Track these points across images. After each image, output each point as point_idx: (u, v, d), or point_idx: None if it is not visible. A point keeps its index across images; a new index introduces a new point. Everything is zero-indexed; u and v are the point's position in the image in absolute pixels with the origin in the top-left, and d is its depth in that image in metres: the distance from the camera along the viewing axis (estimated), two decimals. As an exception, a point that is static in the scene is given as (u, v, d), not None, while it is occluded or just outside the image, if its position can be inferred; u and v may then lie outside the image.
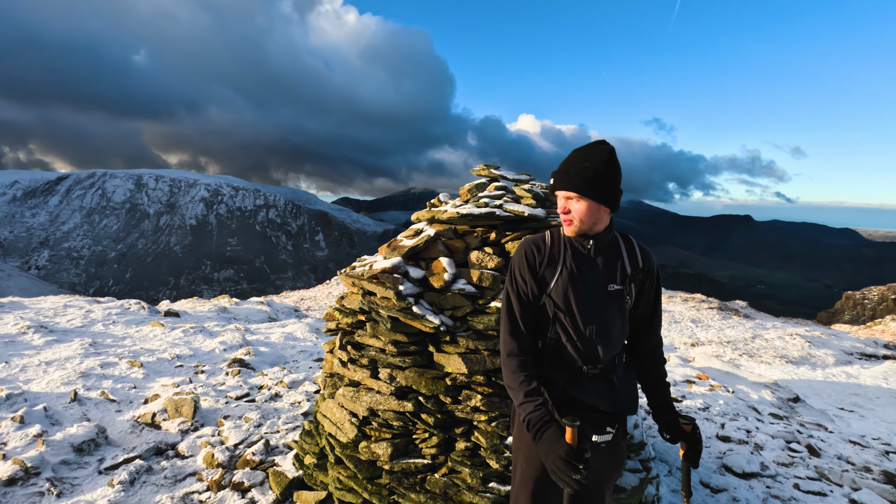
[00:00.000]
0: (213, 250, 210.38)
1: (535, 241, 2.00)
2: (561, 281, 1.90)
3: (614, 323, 1.90)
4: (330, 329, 3.70)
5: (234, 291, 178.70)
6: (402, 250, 3.26)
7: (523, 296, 1.96)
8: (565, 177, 1.80)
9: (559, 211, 1.89)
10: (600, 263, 1.91)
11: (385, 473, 3.04)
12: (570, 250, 1.93)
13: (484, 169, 3.74)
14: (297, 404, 5.06)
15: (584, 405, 1.91)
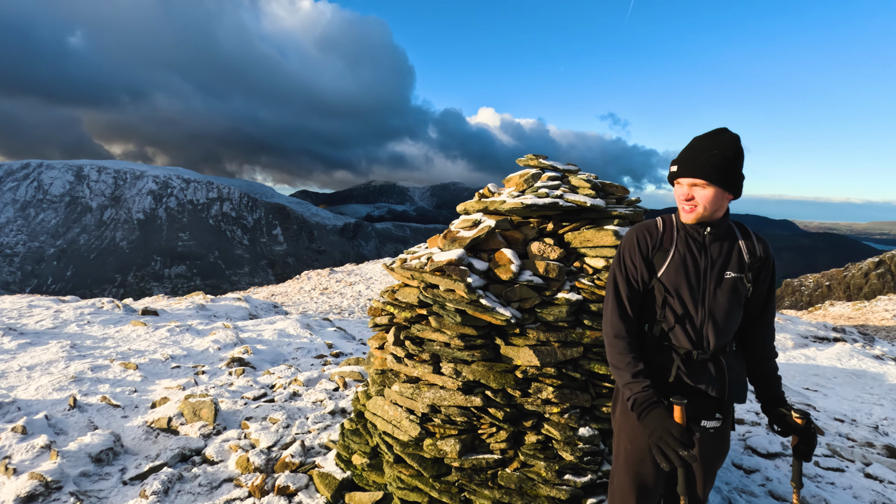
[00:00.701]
0: (163, 245, 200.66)
1: (647, 227, 2.02)
2: (672, 265, 1.92)
3: (727, 310, 1.90)
4: (378, 324, 3.57)
5: (186, 288, 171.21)
6: (463, 241, 3.17)
7: (632, 279, 2.00)
8: (692, 164, 1.79)
9: (682, 198, 1.86)
10: (715, 250, 1.91)
11: (455, 471, 2.97)
12: (684, 236, 1.94)
13: (533, 159, 3.69)
14: (320, 403, 4.89)
15: (692, 390, 1.92)
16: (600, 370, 2.95)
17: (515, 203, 3.17)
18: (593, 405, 3.00)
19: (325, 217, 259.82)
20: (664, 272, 1.93)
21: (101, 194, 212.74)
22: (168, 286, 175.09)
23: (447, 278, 3.01)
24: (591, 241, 3.12)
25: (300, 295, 21.17)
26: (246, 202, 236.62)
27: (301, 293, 21.54)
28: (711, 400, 1.94)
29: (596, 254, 3.10)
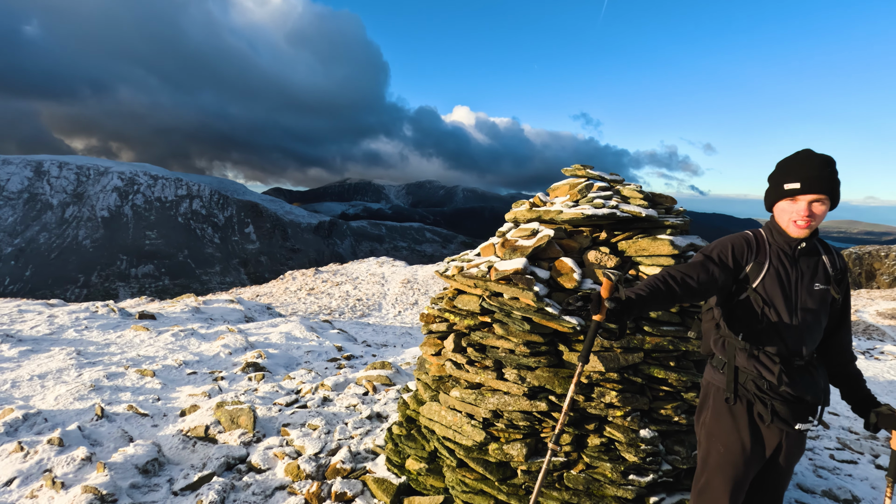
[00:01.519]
0: (129, 244, 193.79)
1: (745, 238, 2.13)
2: (768, 277, 2.04)
3: (817, 319, 2.04)
4: (434, 331, 3.63)
5: (155, 288, 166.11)
6: (524, 251, 3.26)
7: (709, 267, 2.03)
8: (817, 182, 1.89)
9: (802, 213, 1.93)
10: (804, 264, 2.05)
11: (521, 474, 3.06)
12: (776, 251, 2.07)
13: (580, 169, 3.80)
14: (354, 408, 4.90)
15: (791, 396, 2.04)
16: (659, 374, 3.09)
17: (575, 213, 3.28)
18: (651, 408, 3.14)
19: (299, 215, 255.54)
20: (760, 283, 2.05)
21: (63, 191, 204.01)
22: (135, 286, 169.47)
23: (513, 287, 3.09)
24: (647, 249, 3.25)
25: (286, 296, 20.88)
26: (217, 200, 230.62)
27: (287, 294, 21.25)
28: (807, 404, 2.06)
29: (652, 262, 3.24)
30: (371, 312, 18.38)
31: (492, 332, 3.28)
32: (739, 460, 2.12)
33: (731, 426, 2.15)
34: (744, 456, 2.11)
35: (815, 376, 2.05)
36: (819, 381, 2.06)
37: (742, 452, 2.11)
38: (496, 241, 3.71)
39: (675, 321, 3.21)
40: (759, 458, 2.13)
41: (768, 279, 2.04)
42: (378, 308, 19.10)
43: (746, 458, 2.11)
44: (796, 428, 2.07)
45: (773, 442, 2.11)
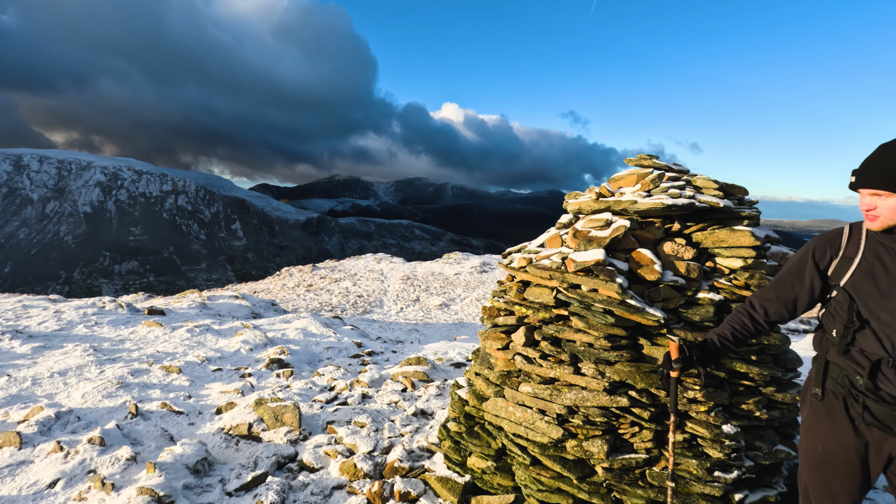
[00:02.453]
0: (112, 240, 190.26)
1: (829, 237, 2.06)
2: (858, 273, 1.93)
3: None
4: (499, 325, 3.51)
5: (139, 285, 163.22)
6: (601, 241, 3.16)
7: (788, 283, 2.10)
8: (872, 174, 1.80)
9: (864, 208, 1.88)
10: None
11: (603, 471, 2.96)
12: (874, 244, 1.94)
13: (646, 158, 3.71)
14: (395, 405, 4.77)
15: (891, 398, 1.90)
16: (741, 368, 3.02)
17: (653, 203, 3.18)
18: (731, 402, 3.07)
19: (286, 211, 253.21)
20: (848, 280, 1.94)
21: (44, 185, 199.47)
22: (119, 283, 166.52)
23: (594, 278, 2.99)
24: (726, 241, 3.17)
25: (285, 292, 20.58)
26: (203, 195, 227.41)
27: (285, 290, 20.94)
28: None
29: (731, 254, 3.16)
30: (373, 309, 18.19)
31: (567, 325, 3.17)
32: (839, 461, 2.00)
33: (827, 423, 2.04)
34: (844, 457, 1.98)
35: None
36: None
37: (841, 452, 1.98)
38: (561, 233, 3.61)
39: (755, 314, 3.14)
40: (865, 465, 1.97)
41: (858, 274, 1.92)
42: (379, 305, 18.91)
43: (848, 461, 1.98)
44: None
45: (883, 450, 1.93)
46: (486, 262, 25.63)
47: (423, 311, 18.17)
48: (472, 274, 23.43)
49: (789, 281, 2.10)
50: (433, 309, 18.48)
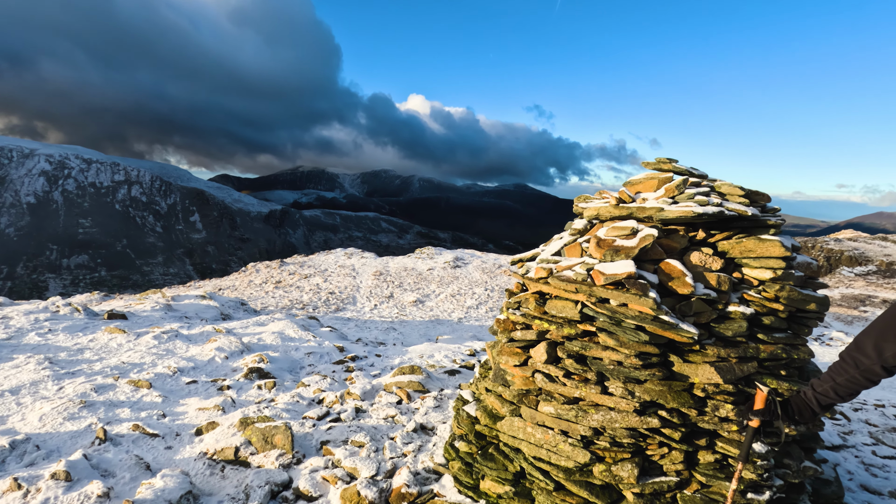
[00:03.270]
0: (60, 233, 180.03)
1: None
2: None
3: None
4: (516, 339, 3.28)
5: (90, 280, 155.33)
6: (629, 252, 2.96)
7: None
8: None
9: None
10: None
11: (634, 497, 2.79)
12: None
13: (665, 163, 3.54)
14: (392, 419, 4.49)
15: None
16: (772, 384, 2.89)
17: (683, 211, 3.01)
18: (763, 421, 2.95)
19: (248, 203, 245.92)
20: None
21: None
22: (67, 278, 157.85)
23: (625, 292, 2.80)
24: (754, 251, 3.04)
25: (252, 289, 19.78)
26: (159, 186, 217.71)
27: (252, 287, 20.13)
28: None
29: (760, 265, 3.03)
30: (346, 306, 17.71)
31: (594, 341, 2.97)
32: None
33: None
34: None
35: None
36: None
37: None
38: (581, 241, 3.40)
39: (784, 327, 3.03)
40: None
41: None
42: (352, 301, 18.44)
43: None
44: None
45: None
46: (458, 256, 25.46)
47: (398, 307, 17.83)
48: (445, 269, 23.21)
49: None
50: (408, 306, 18.16)
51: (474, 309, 18.03)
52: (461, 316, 17.08)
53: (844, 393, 1.98)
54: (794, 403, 2.16)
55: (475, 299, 19.13)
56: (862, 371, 1.88)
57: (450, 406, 4.73)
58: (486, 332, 14.85)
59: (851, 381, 1.93)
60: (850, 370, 1.91)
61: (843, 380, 1.95)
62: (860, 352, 1.88)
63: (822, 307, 3.06)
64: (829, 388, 2.02)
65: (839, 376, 1.96)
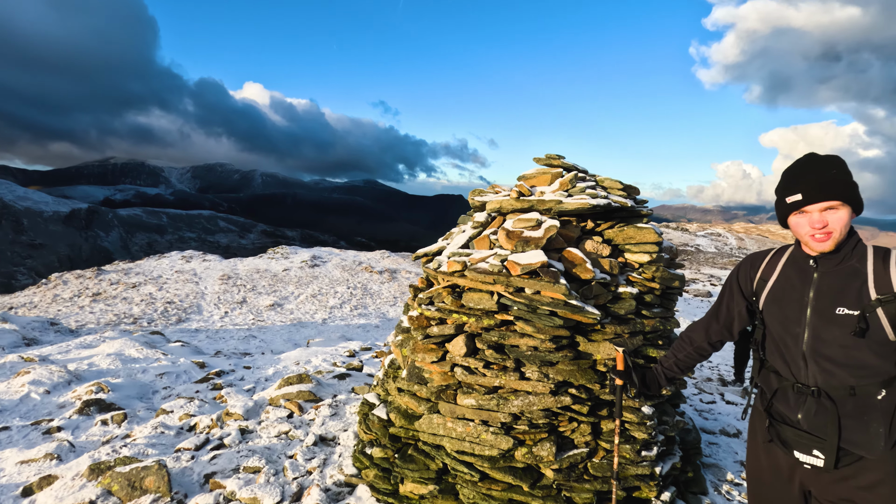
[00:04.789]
0: None
1: (753, 258, 2.02)
2: (770, 296, 1.88)
3: (838, 349, 1.69)
4: (432, 335, 3.19)
5: None
6: (538, 243, 3.10)
7: (723, 304, 2.07)
8: (821, 187, 1.66)
9: (816, 226, 1.69)
10: (827, 282, 1.73)
11: (554, 473, 2.95)
12: (789, 267, 1.87)
13: (555, 159, 3.77)
14: (286, 435, 4.06)
15: (786, 419, 1.85)
16: (653, 353, 3.32)
17: (580, 203, 3.26)
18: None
19: (39, 201, 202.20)
20: (764, 302, 1.89)
21: None
22: None
23: (540, 281, 2.93)
24: (634, 238, 3.44)
25: (59, 305, 16.23)
26: None
27: (59, 302, 16.52)
28: (810, 435, 1.77)
29: (639, 250, 3.44)
30: (190, 317, 15.62)
31: (510, 330, 3.06)
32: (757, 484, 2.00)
33: (751, 441, 2.04)
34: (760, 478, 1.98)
35: (827, 410, 1.72)
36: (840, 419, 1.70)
37: (757, 471, 1.99)
38: (487, 233, 3.47)
39: (659, 303, 3.49)
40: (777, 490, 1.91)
41: (770, 298, 1.88)
42: (197, 310, 16.34)
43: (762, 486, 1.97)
44: (797, 457, 1.80)
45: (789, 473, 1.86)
46: (316, 255, 24.36)
47: (254, 313, 16.34)
48: (302, 269, 21.99)
49: (726, 301, 2.06)
50: (264, 310, 16.78)
51: (338, 308, 17.46)
52: (325, 317, 16.40)
53: (684, 366, 2.30)
54: (647, 376, 2.40)
55: (338, 298, 18.53)
56: (695, 348, 2.21)
57: (348, 412, 4.47)
58: (356, 332, 14.50)
59: (688, 356, 2.25)
60: (686, 347, 2.23)
61: (683, 355, 2.26)
62: (693, 332, 2.20)
63: (682, 284, 3.61)
64: (672, 364, 2.31)
65: (679, 353, 2.27)
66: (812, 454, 1.75)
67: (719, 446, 4.45)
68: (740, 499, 3.61)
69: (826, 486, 1.76)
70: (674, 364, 2.25)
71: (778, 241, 51.54)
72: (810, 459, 1.76)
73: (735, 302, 2.02)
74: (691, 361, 2.22)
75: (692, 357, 2.20)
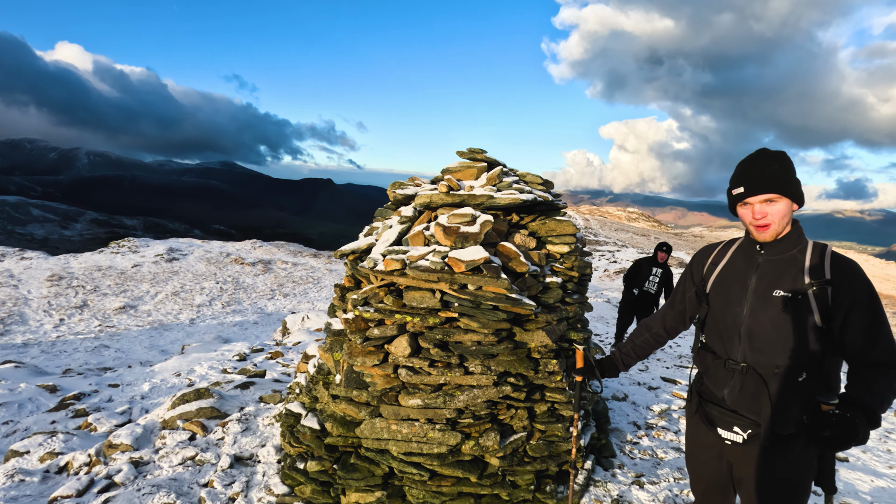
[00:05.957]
0: None
1: (707, 247, 2.15)
2: (717, 280, 2.01)
3: (769, 327, 1.82)
4: (371, 337, 3.03)
5: None
6: (476, 238, 3.10)
7: (679, 292, 2.23)
8: (760, 181, 1.79)
9: (756, 217, 1.83)
10: (769, 268, 1.87)
11: (499, 460, 3.05)
12: (738, 253, 2.01)
13: (479, 153, 3.78)
14: (194, 461, 3.56)
15: (713, 397, 2.00)
16: (574, 336, 3.60)
17: (512, 198, 3.35)
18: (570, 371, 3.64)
19: None
20: (711, 286, 2.03)
21: None
22: None
23: (482, 277, 2.97)
24: (556, 230, 3.66)
25: None
26: None
27: None
28: (732, 412, 1.91)
29: (560, 241, 3.67)
30: (11, 329, 12.74)
31: (454, 326, 3.06)
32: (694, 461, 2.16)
33: (689, 419, 2.19)
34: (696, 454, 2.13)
35: (754, 388, 1.85)
36: (766, 398, 1.81)
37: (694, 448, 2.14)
38: (420, 228, 3.39)
39: (577, 290, 3.78)
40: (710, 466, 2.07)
41: (717, 282, 2.02)
42: (21, 320, 13.40)
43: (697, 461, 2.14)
44: (720, 434, 1.95)
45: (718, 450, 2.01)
46: (174, 247, 21.63)
47: (99, 318, 13.96)
48: (158, 264, 19.36)
49: (681, 290, 2.21)
50: (113, 314, 14.44)
51: (207, 306, 15.78)
52: (193, 317, 14.72)
53: (640, 352, 2.37)
54: (605, 363, 2.49)
55: (206, 295, 16.75)
56: (652, 334, 2.33)
57: (261, 425, 4.09)
58: (232, 331, 13.25)
59: (645, 342, 2.36)
60: (644, 334, 2.36)
61: (640, 341, 2.36)
62: (651, 320, 2.35)
63: (591, 270, 3.95)
64: (629, 350, 2.39)
65: (637, 339, 2.38)
66: (732, 430, 1.90)
67: (614, 411, 5.02)
68: (641, 456, 4.12)
69: (742, 461, 1.92)
70: (631, 350, 2.38)
71: (615, 222, 59.54)
72: (730, 436, 1.91)
73: (686, 288, 2.17)
74: (648, 347, 2.36)
75: (649, 343, 2.35)
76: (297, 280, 19.92)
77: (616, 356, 2.45)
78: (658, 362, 7.72)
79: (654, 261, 7.07)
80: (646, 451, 4.21)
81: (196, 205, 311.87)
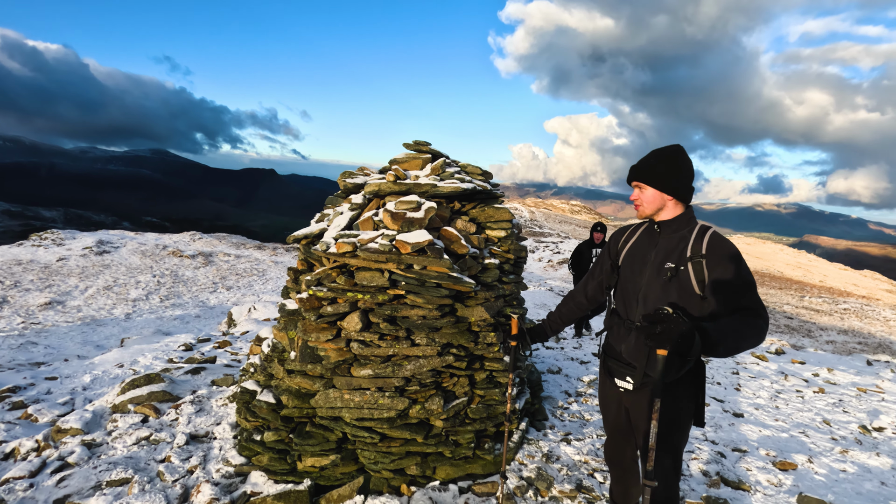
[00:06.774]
0: None
1: (624, 227, 2.49)
2: (626, 254, 2.39)
3: (660, 294, 2.16)
4: (325, 314, 3.27)
5: None
6: (421, 223, 3.40)
7: (598, 265, 2.61)
8: (635, 170, 2.23)
9: (633, 198, 2.28)
10: (664, 245, 2.21)
11: (443, 422, 3.40)
12: (644, 233, 2.36)
13: (424, 145, 4.06)
14: (149, 440, 3.66)
15: (613, 352, 2.41)
16: (509, 311, 3.96)
17: (453, 187, 3.68)
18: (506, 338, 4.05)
19: None
20: (623, 259, 2.39)
21: None
22: None
23: (427, 258, 3.29)
24: (494, 216, 4.03)
25: None
26: None
27: None
28: (627, 363, 2.29)
29: (498, 227, 4.05)
30: (-82, 327, 11.72)
31: (401, 303, 3.36)
32: (606, 411, 2.54)
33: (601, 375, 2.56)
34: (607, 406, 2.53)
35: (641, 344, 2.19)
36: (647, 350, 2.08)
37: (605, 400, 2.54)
38: (368, 214, 3.65)
39: (513, 270, 4.18)
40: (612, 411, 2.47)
41: (627, 255, 2.38)
42: (-71, 319, 12.32)
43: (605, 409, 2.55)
44: (616, 382, 2.34)
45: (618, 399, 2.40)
46: (104, 240, 20.42)
47: (22, 315, 13.08)
48: (87, 258, 18.25)
49: (600, 263, 2.57)
50: (38, 311, 13.56)
51: (144, 301, 15.14)
52: (128, 311, 14.11)
53: (566, 319, 2.73)
54: (536, 330, 2.87)
55: (142, 289, 16.03)
56: (576, 303, 2.68)
57: (214, 406, 4.22)
58: (173, 324, 12.83)
59: (570, 310, 2.70)
60: (569, 303, 2.70)
61: (566, 310, 2.71)
62: (575, 291, 2.69)
63: (526, 253, 4.37)
64: (556, 318, 2.73)
65: (563, 308, 2.72)
66: (625, 380, 2.28)
67: (549, 382, 5.53)
68: (570, 419, 4.63)
69: (634, 406, 2.30)
70: (557, 318, 2.75)
71: (559, 214, 61.87)
72: (623, 384, 2.30)
73: (604, 261, 2.54)
74: (572, 315, 2.73)
75: (573, 311, 2.72)
76: (240, 272, 19.42)
77: (545, 324, 2.83)
78: (591, 341, 8.38)
79: (591, 243, 7.66)
80: (574, 415, 4.72)
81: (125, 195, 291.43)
